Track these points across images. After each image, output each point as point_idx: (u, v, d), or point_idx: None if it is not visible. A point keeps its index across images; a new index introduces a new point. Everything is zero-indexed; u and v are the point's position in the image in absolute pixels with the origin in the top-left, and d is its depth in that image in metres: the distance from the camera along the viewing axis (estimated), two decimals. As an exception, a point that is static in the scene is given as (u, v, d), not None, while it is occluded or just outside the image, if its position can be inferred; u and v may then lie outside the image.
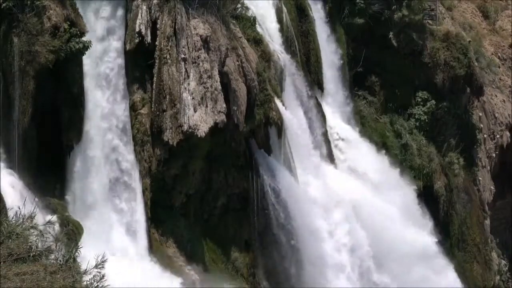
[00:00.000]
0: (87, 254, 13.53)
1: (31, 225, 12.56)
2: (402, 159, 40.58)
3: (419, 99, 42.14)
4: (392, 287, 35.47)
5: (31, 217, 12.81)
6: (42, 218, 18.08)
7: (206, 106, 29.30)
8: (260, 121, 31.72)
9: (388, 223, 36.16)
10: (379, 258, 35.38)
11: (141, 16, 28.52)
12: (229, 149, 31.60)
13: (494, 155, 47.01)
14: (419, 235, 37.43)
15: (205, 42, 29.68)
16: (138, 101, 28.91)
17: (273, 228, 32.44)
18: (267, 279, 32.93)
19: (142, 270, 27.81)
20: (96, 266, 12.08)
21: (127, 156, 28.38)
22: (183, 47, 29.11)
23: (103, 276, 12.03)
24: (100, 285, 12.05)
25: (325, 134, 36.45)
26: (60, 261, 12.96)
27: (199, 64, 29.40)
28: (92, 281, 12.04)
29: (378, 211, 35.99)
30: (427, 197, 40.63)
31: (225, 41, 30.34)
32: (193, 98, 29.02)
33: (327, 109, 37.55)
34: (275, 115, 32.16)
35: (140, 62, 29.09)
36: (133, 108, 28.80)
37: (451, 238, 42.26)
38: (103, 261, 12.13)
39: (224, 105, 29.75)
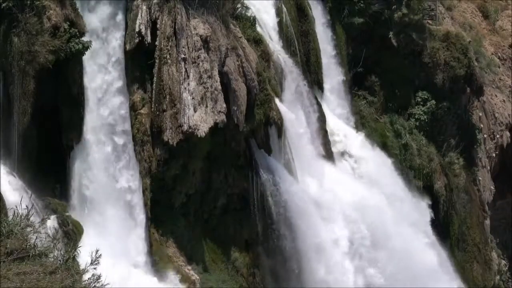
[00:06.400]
0: (87, 254, 13.54)
1: (27, 223, 12.57)
2: (402, 159, 40.59)
3: (419, 99, 42.15)
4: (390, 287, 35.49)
5: (28, 215, 12.82)
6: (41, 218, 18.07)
7: (206, 106, 29.31)
8: (260, 121, 31.73)
9: (388, 221, 36.19)
10: (380, 256, 35.42)
11: (141, 16, 28.52)
12: (229, 149, 31.61)
13: (494, 155, 47.02)
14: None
15: (205, 42, 29.69)
16: (138, 101, 28.91)
17: (273, 228, 32.45)
18: (267, 279, 32.94)
19: (142, 270, 27.82)
20: (91, 263, 12.09)
21: (127, 156, 28.37)
22: (183, 47, 29.12)
23: (99, 276, 12.04)
24: (99, 285, 12.05)
25: (325, 134, 36.45)
26: (60, 261, 12.97)
27: (199, 64, 29.41)
28: (91, 281, 12.05)
29: (378, 210, 36.00)
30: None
31: (225, 41, 30.34)
32: (193, 98, 29.03)
33: (327, 109, 37.55)
34: (275, 115, 32.17)
35: (140, 62, 29.09)
36: (133, 108, 28.79)
37: (451, 238, 42.28)
38: (98, 258, 12.13)
39: (224, 105, 29.76)
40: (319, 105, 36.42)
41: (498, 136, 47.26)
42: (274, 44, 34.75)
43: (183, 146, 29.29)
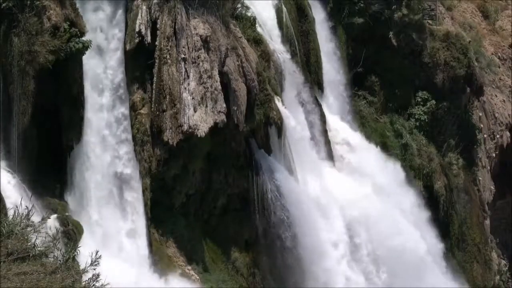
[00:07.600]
0: (86, 254, 13.54)
1: (27, 223, 12.57)
2: (402, 159, 40.59)
3: (419, 99, 42.16)
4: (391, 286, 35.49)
5: (28, 215, 12.82)
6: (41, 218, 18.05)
7: (206, 106, 29.31)
8: (260, 121, 31.74)
9: (388, 223, 36.19)
10: (380, 257, 35.42)
11: (141, 16, 28.52)
12: (229, 149, 31.61)
13: (494, 155, 47.02)
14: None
15: (205, 42, 29.69)
16: (138, 101, 28.91)
17: (273, 228, 32.45)
18: (267, 279, 32.93)
19: (142, 270, 27.82)
20: (91, 264, 12.09)
21: (127, 157, 28.37)
22: (183, 47, 29.12)
23: (98, 275, 12.04)
24: (99, 285, 12.05)
25: (325, 134, 36.45)
26: (60, 261, 12.96)
27: (199, 64, 29.41)
28: (91, 281, 12.05)
29: (378, 211, 36.00)
30: (427, 197, 40.64)
31: (225, 41, 30.35)
32: (193, 98, 29.03)
33: (327, 109, 37.55)
34: (275, 115, 32.17)
35: (140, 62, 29.08)
36: (133, 108, 28.79)
37: (451, 238, 42.27)
38: (98, 258, 12.13)
39: (224, 105, 29.76)
40: (319, 105, 36.42)
41: (498, 136, 47.26)
42: (274, 44, 34.75)
43: (183, 146, 29.29)
